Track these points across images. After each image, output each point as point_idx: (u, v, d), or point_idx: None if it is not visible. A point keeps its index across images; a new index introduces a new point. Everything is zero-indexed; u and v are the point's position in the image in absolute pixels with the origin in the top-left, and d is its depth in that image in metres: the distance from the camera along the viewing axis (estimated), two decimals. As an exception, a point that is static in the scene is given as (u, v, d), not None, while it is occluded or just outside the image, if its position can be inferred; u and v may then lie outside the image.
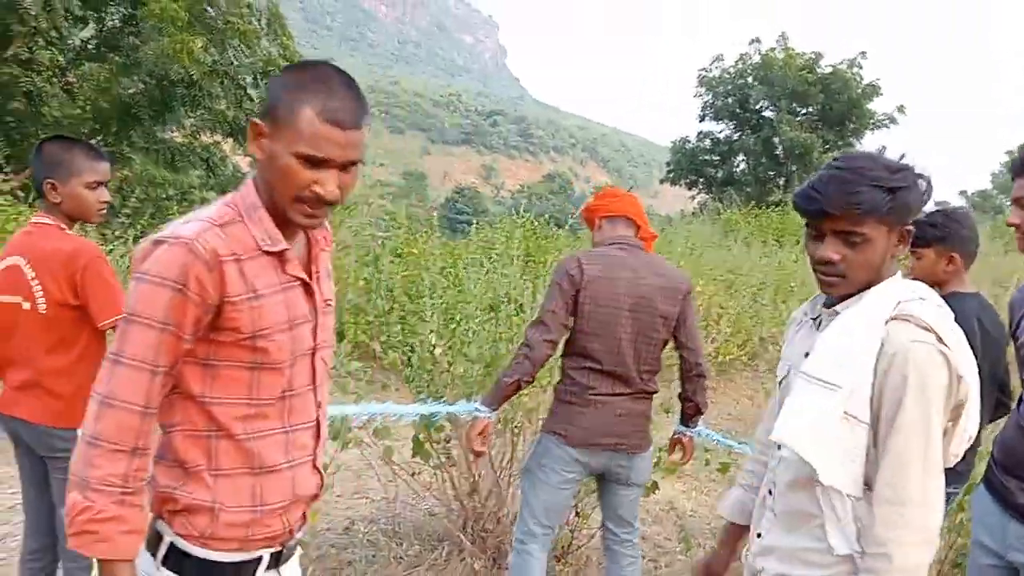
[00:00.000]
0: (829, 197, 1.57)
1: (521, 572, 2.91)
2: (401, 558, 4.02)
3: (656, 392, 2.96)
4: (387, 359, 4.09)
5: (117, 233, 7.96)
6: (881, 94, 23.33)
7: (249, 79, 11.35)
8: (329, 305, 1.55)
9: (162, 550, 1.39)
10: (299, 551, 1.63)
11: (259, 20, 11.36)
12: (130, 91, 10.66)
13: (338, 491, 4.90)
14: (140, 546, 1.34)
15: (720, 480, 4.98)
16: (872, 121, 23.58)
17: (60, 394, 2.39)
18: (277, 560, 1.49)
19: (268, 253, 1.38)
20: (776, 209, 18.80)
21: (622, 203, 2.97)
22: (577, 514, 3.99)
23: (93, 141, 11.48)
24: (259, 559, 1.44)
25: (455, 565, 3.93)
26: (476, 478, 4.00)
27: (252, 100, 11.55)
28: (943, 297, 2.81)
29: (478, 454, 2.95)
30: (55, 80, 10.81)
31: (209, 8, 10.48)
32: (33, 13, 9.92)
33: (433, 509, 4.38)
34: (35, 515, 2.65)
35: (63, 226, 2.47)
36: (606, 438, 2.80)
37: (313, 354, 1.49)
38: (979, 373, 2.80)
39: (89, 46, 11.58)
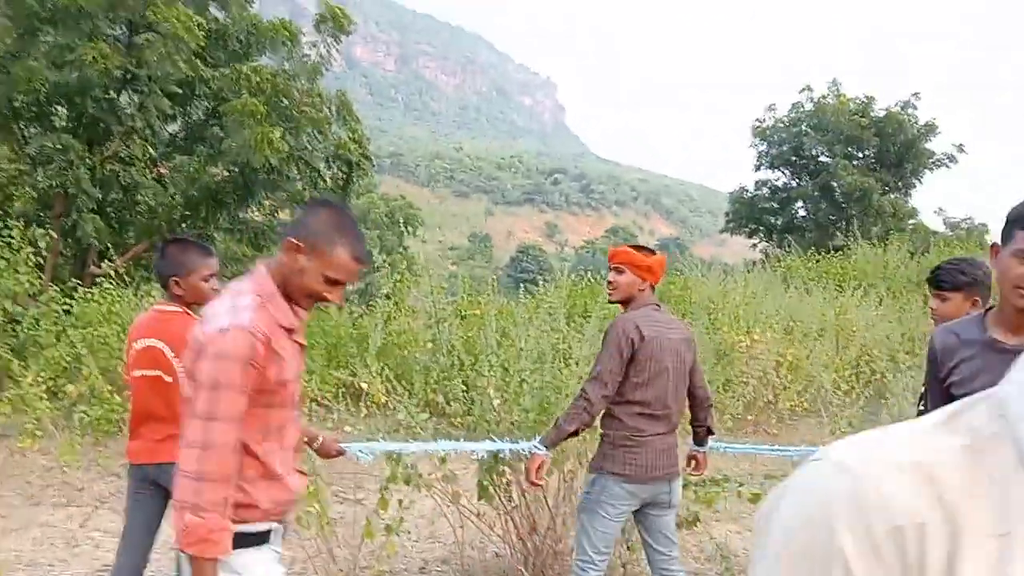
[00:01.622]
0: None
1: None
2: (470, 590, 4.49)
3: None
4: (451, 411, 4.63)
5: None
6: (939, 133, 23.28)
7: (322, 162, 12.33)
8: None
9: None
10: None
11: (329, 108, 12.38)
12: (216, 179, 11.71)
13: (413, 536, 5.41)
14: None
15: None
16: (931, 161, 23.50)
17: None
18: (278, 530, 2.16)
19: (284, 328, 2.01)
20: (838, 254, 18.84)
21: (662, 274, 3.48)
22: (628, 548, 4.43)
23: (183, 225, 12.57)
24: (270, 530, 2.07)
25: (519, 597, 4.38)
26: (534, 519, 4.48)
27: (325, 181, 12.49)
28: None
29: (535, 486, 3.48)
30: (148, 172, 11.93)
31: (284, 100, 11.51)
32: (129, 113, 11.07)
33: (499, 551, 4.85)
34: (139, 545, 3.24)
35: (188, 312, 3.12)
36: (655, 471, 3.29)
37: (294, 396, 2.13)
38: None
39: (177, 139, 12.74)
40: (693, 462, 3.68)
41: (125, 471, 6.04)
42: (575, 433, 3.34)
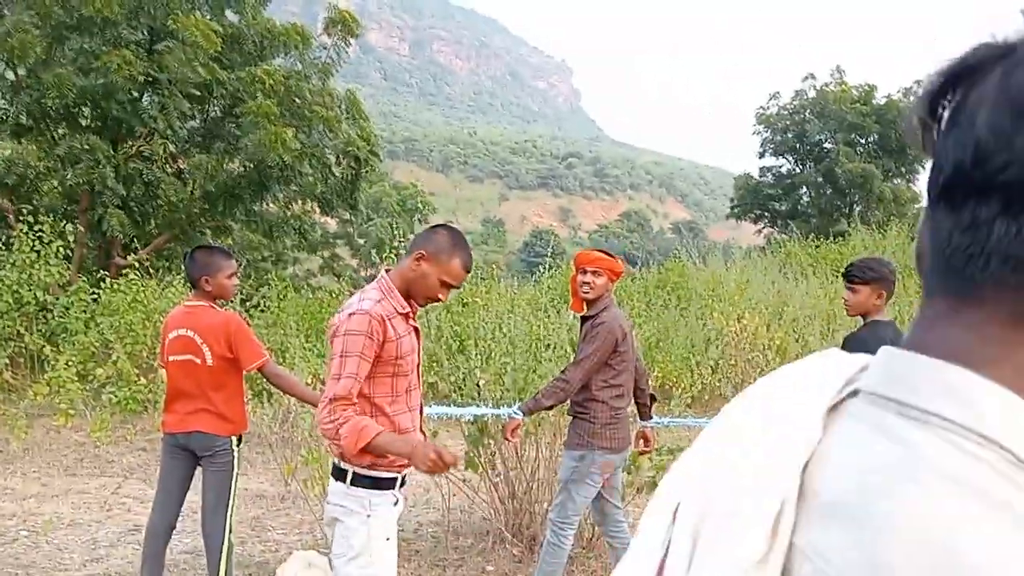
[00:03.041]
0: None
1: (559, 548, 3.95)
2: (456, 547, 5.13)
3: None
4: (441, 390, 5.24)
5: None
6: (940, 120, 23.51)
7: (332, 158, 12.95)
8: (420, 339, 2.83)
9: (348, 476, 2.58)
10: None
11: (339, 107, 13.00)
12: (232, 174, 12.36)
13: (410, 502, 6.05)
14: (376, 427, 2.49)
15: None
16: (932, 148, 23.76)
17: (222, 414, 3.70)
18: (403, 480, 2.70)
19: (401, 314, 2.59)
20: (838, 239, 19.21)
21: None
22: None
23: (202, 218, 13.23)
24: (395, 478, 2.63)
25: (499, 551, 5.02)
26: (513, 485, 5.10)
27: (336, 176, 13.12)
28: (868, 324, 3.78)
29: (509, 441, 4.08)
30: (168, 168, 12.59)
31: (297, 99, 12.12)
32: (151, 114, 11.72)
33: (484, 514, 5.49)
34: (172, 504, 3.88)
35: (213, 305, 3.75)
36: (627, 440, 3.99)
37: (417, 368, 2.75)
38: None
39: (196, 136, 13.39)
40: (643, 440, 4.27)
41: (151, 445, 6.77)
42: (550, 407, 3.95)
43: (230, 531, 3.78)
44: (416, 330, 2.69)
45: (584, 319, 3.94)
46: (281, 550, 5.01)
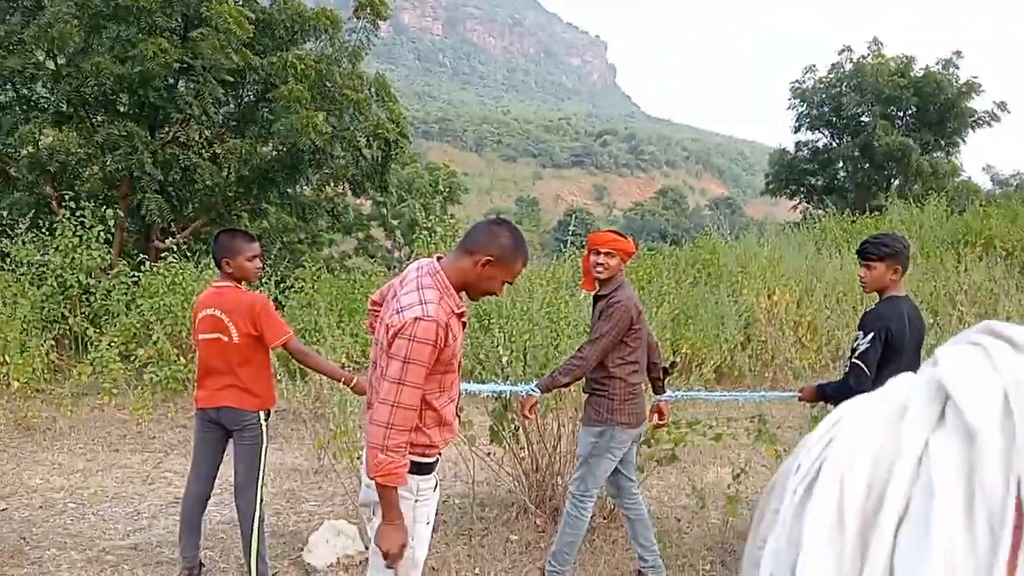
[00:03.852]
0: None
1: (579, 520, 4.09)
2: (482, 517, 5.29)
3: None
4: (465, 367, 5.37)
5: (264, 280, 9.71)
6: (981, 92, 22.96)
7: (363, 140, 13.12)
8: None
9: None
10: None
11: (369, 89, 13.16)
12: (266, 159, 12.60)
13: (439, 475, 6.22)
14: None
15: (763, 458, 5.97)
16: (972, 120, 23.20)
17: (249, 390, 3.87)
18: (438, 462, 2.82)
19: (456, 314, 2.60)
20: (874, 214, 18.90)
21: None
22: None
23: (237, 202, 13.51)
24: (435, 461, 2.75)
25: (522, 522, 5.17)
26: (537, 458, 5.23)
27: (366, 159, 13.29)
28: (885, 299, 3.82)
29: (527, 419, 4.23)
30: (204, 153, 12.86)
31: (327, 83, 12.29)
32: (186, 100, 11.99)
33: (509, 487, 5.64)
34: (205, 475, 4.09)
35: (238, 286, 3.92)
36: (643, 415, 4.09)
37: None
38: (908, 354, 3.84)
39: (230, 121, 13.65)
40: (657, 414, 4.38)
41: (190, 422, 7.01)
42: (567, 384, 4.06)
43: (261, 502, 3.96)
44: (464, 325, 2.74)
45: (598, 298, 4.04)
46: (313, 520, 5.21)
